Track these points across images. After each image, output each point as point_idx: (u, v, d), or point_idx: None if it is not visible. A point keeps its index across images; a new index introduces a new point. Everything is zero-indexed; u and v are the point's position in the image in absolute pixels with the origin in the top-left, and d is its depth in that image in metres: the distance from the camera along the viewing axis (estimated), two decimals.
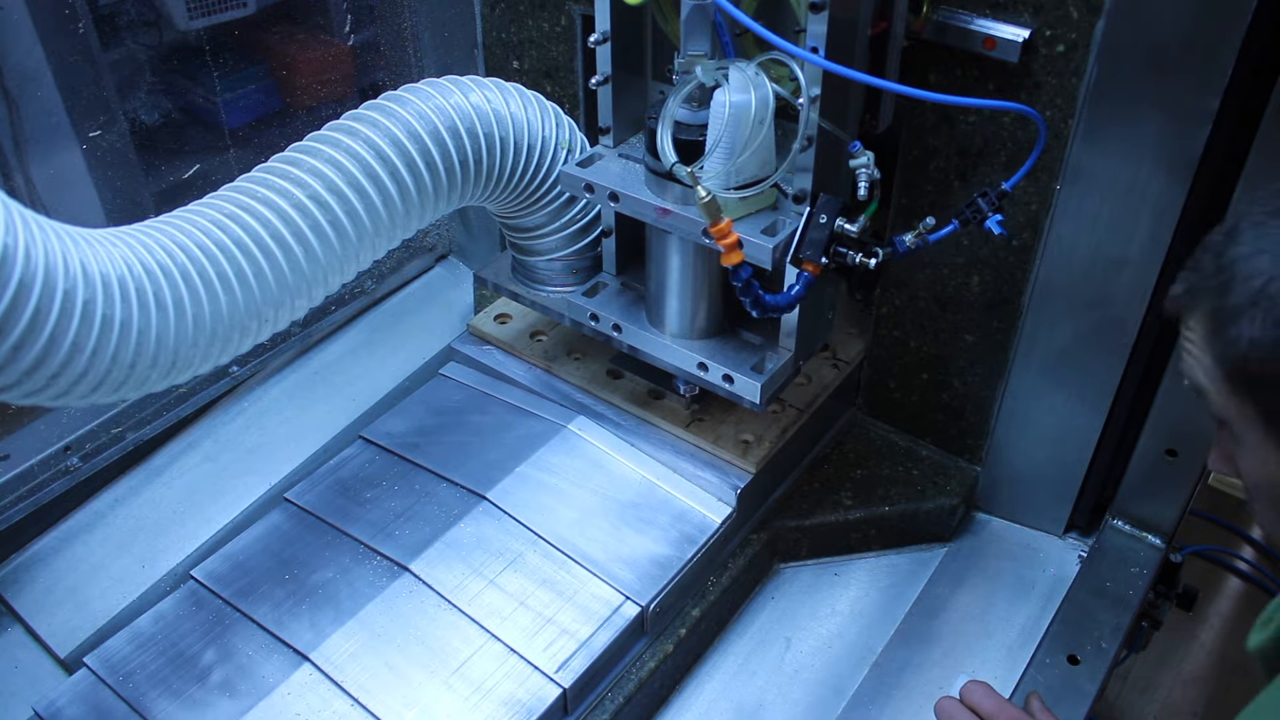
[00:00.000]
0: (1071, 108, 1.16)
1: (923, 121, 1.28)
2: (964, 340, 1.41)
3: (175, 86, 1.59)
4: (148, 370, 0.97)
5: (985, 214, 1.12)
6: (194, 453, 1.55)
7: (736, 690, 1.34)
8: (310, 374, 1.68)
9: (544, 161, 1.31)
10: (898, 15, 1.14)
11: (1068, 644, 1.32)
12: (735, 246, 1.09)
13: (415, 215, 1.21)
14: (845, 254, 1.13)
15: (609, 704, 1.23)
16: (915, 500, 1.48)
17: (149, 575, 1.40)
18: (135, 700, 1.15)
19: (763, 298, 1.14)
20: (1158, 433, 1.33)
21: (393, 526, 1.31)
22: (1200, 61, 1.06)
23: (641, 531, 1.32)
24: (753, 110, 1.08)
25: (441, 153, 1.19)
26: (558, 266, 1.43)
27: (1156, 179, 1.14)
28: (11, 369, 0.87)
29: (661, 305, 1.32)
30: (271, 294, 1.07)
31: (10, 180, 1.35)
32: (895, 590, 1.45)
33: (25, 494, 1.39)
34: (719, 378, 1.28)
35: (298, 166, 1.11)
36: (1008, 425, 1.43)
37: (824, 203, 1.12)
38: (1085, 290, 1.26)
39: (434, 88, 1.22)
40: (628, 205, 1.22)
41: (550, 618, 1.22)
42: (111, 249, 0.94)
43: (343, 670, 1.17)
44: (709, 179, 1.09)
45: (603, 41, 1.20)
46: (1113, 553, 1.43)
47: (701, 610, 1.33)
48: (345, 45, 1.75)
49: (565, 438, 1.42)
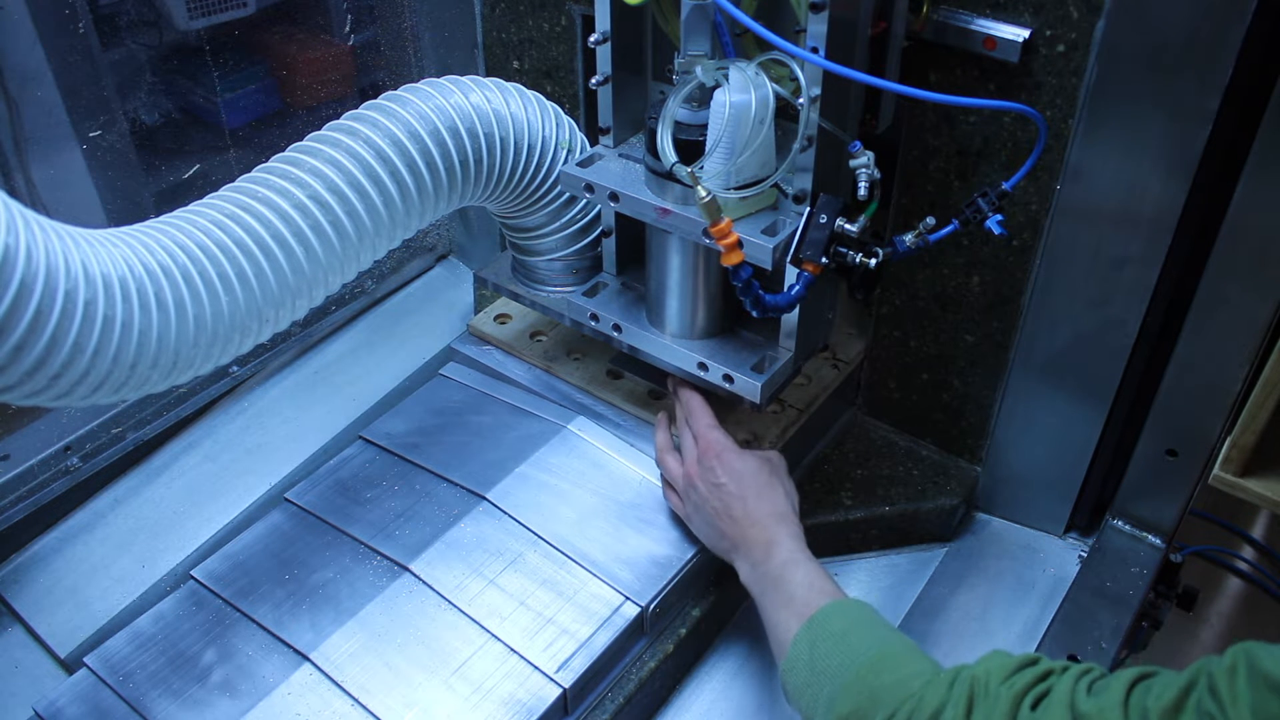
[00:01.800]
0: (1071, 108, 1.17)
1: (923, 121, 1.28)
2: (964, 340, 1.41)
3: (175, 86, 1.59)
4: (149, 370, 0.97)
5: (985, 214, 1.12)
6: (194, 453, 1.55)
7: (737, 690, 1.34)
8: (310, 374, 1.68)
9: (544, 161, 1.31)
10: (898, 15, 1.14)
11: (1068, 644, 1.32)
12: (735, 246, 1.09)
13: (415, 215, 1.21)
14: (845, 254, 1.13)
15: (609, 704, 1.23)
16: (915, 500, 1.48)
17: (149, 575, 1.40)
18: (135, 700, 1.15)
19: (763, 298, 1.14)
20: (1158, 433, 1.33)
21: (393, 526, 1.31)
22: (1200, 61, 1.06)
23: (641, 531, 1.32)
24: (753, 110, 1.08)
25: (442, 153, 1.19)
26: (558, 266, 1.43)
27: (1156, 179, 1.14)
28: (13, 370, 0.86)
29: (661, 305, 1.32)
30: (272, 294, 1.07)
31: (10, 180, 1.35)
32: (895, 590, 1.45)
33: (25, 494, 1.39)
34: (719, 377, 1.28)
35: (298, 167, 1.11)
36: (1008, 425, 1.43)
37: (824, 203, 1.12)
38: (1085, 290, 1.26)
39: (434, 88, 1.22)
40: (628, 205, 1.22)
41: (550, 618, 1.23)
42: (112, 249, 0.94)
43: (343, 670, 1.17)
44: (709, 179, 1.09)
45: (603, 41, 1.20)
46: (1113, 553, 1.43)
47: (702, 610, 1.33)
48: (345, 45, 1.75)
49: (565, 438, 1.42)
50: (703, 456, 1.25)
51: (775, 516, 1.19)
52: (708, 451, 1.24)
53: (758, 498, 1.20)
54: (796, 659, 1.05)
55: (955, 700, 0.88)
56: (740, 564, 1.20)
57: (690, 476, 1.26)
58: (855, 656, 0.99)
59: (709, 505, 1.22)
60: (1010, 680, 0.88)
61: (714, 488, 1.22)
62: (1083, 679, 0.86)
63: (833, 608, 1.07)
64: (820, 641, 1.04)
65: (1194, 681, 0.76)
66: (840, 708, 0.96)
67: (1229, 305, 1.19)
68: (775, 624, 1.12)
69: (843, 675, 0.98)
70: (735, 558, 1.21)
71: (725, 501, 1.21)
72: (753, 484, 1.21)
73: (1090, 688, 0.84)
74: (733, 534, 1.20)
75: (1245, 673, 0.72)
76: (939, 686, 0.91)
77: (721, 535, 1.22)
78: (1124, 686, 0.81)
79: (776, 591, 1.13)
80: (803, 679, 1.03)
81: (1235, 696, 0.72)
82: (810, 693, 1.02)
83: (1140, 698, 0.79)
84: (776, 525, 1.18)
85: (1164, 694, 0.77)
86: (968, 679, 0.90)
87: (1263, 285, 1.15)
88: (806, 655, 1.04)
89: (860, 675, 0.97)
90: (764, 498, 1.21)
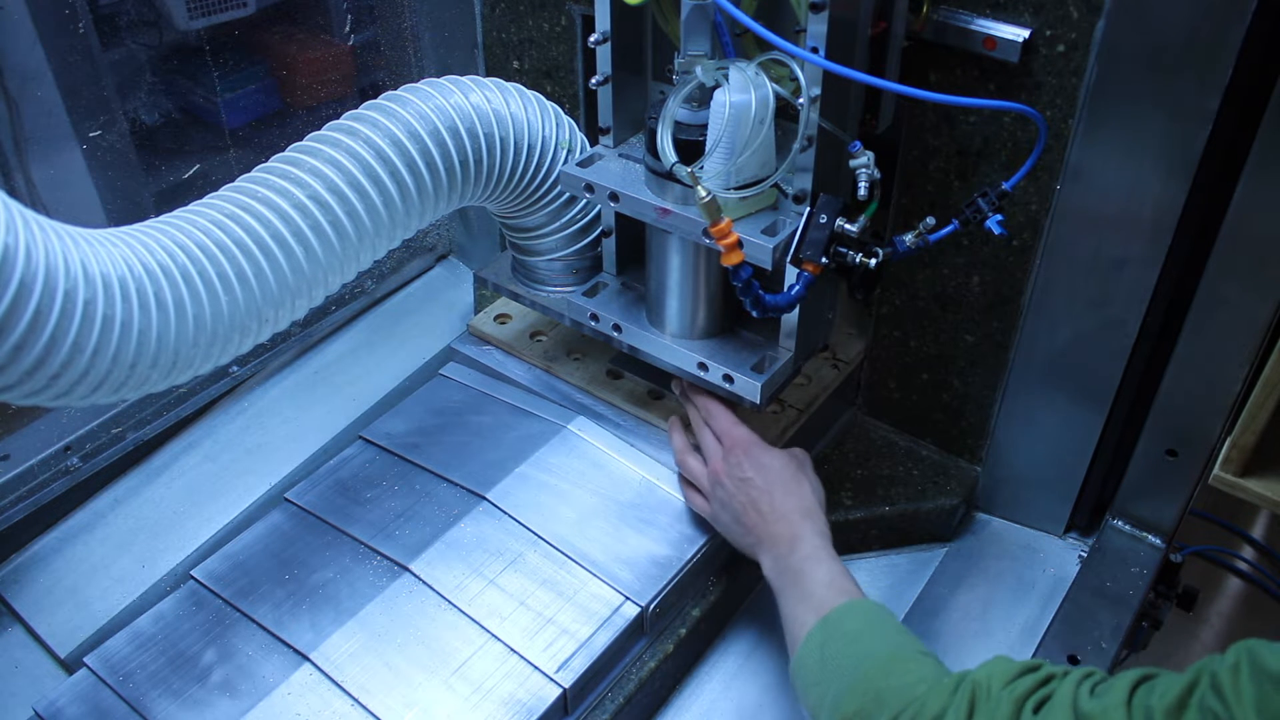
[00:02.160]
0: (1071, 108, 1.17)
1: (923, 121, 1.28)
2: (964, 340, 1.41)
3: (175, 86, 1.59)
4: (148, 370, 0.97)
5: (985, 214, 1.12)
6: (194, 453, 1.55)
7: (737, 690, 1.34)
8: (310, 374, 1.68)
9: (544, 161, 1.31)
10: (898, 15, 1.14)
11: (1068, 644, 1.32)
12: (735, 246, 1.10)
13: (415, 215, 1.21)
14: (845, 254, 1.13)
15: (609, 704, 1.23)
16: (915, 500, 1.48)
17: (149, 575, 1.40)
18: (135, 700, 1.15)
19: (763, 298, 1.14)
20: (1158, 433, 1.33)
21: (393, 526, 1.31)
22: (1200, 61, 1.06)
23: (641, 532, 1.32)
24: (753, 110, 1.08)
25: (442, 153, 1.19)
26: (558, 266, 1.43)
27: (1156, 179, 1.14)
28: (12, 369, 0.86)
29: (661, 305, 1.32)
30: (272, 294, 1.07)
31: (10, 180, 1.35)
32: (895, 590, 1.45)
33: (25, 494, 1.39)
34: (719, 377, 1.28)
35: (298, 167, 1.10)
36: (1008, 425, 1.43)
37: (824, 203, 1.12)
38: (1085, 290, 1.26)
39: (434, 88, 1.22)
40: (628, 205, 1.22)
41: (550, 618, 1.23)
42: (112, 249, 0.94)
43: (343, 670, 1.17)
44: (709, 179, 1.09)
45: (603, 41, 1.20)
46: (1113, 553, 1.43)
47: (702, 610, 1.33)
48: (345, 45, 1.75)
49: (565, 438, 1.42)
50: (729, 453, 1.24)
51: (801, 512, 1.19)
52: (735, 447, 1.24)
53: (784, 493, 1.20)
54: (808, 655, 1.05)
55: (957, 705, 0.89)
56: (764, 558, 1.19)
57: (716, 473, 1.25)
58: (865, 657, 0.99)
59: (735, 501, 1.22)
60: (1012, 685, 0.88)
61: (740, 483, 1.21)
62: (1085, 681, 0.86)
63: (849, 607, 1.07)
64: (832, 640, 1.04)
65: (1197, 680, 0.77)
66: (846, 707, 0.96)
67: (1229, 305, 1.19)
68: (791, 619, 1.12)
69: (851, 675, 0.98)
70: (759, 552, 1.20)
71: (752, 496, 1.20)
72: (779, 479, 1.21)
73: (1093, 690, 0.85)
74: (758, 528, 1.19)
75: (1248, 669, 0.72)
76: (942, 691, 0.91)
77: (747, 530, 1.21)
78: (1127, 687, 0.81)
79: (796, 586, 1.13)
80: (812, 675, 1.03)
81: (1239, 693, 0.72)
82: (818, 690, 1.02)
83: (1144, 697, 0.80)
84: (802, 520, 1.18)
85: (1167, 693, 0.78)
86: (970, 684, 0.90)
87: (1263, 285, 1.15)
88: (818, 652, 1.04)
89: (868, 676, 0.97)
90: (790, 493, 1.20)
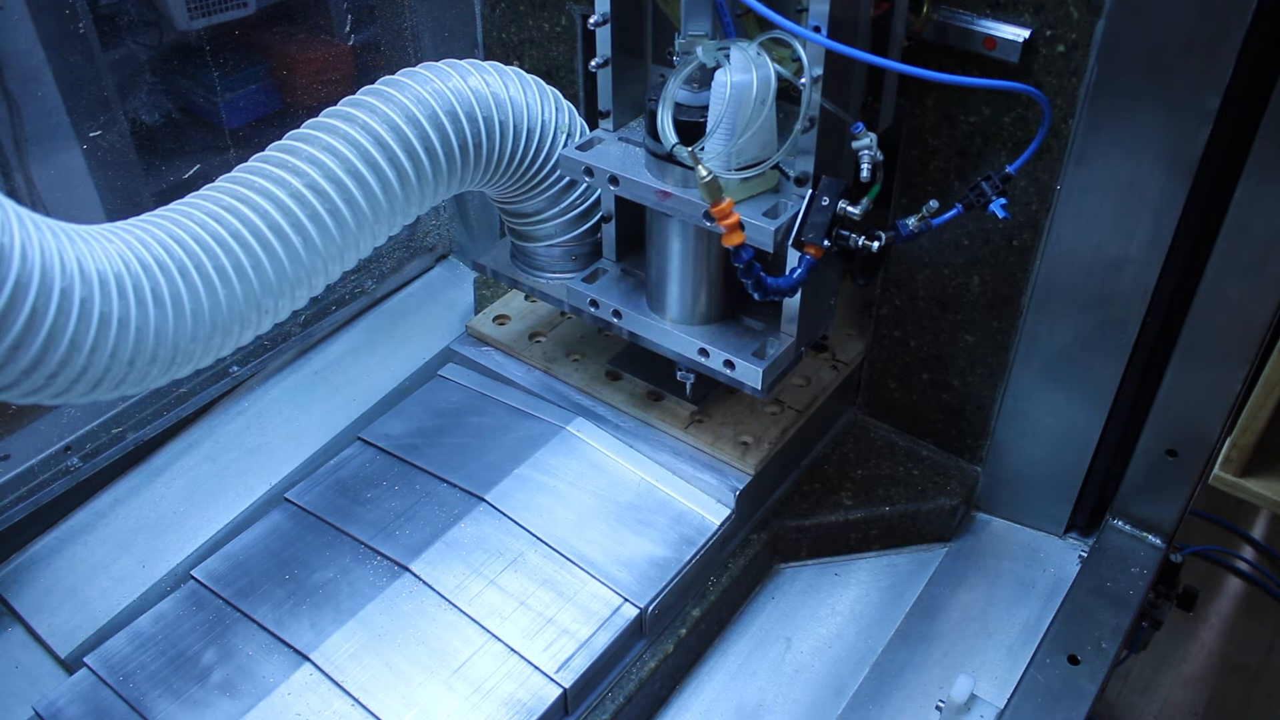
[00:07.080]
0: (1072, 108, 1.16)
1: (923, 121, 1.28)
2: (964, 340, 1.41)
3: (175, 86, 1.59)
4: (147, 366, 0.97)
5: (989, 197, 1.11)
6: (194, 453, 1.55)
7: (737, 690, 1.34)
8: (310, 374, 1.68)
9: (544, 145, 1.29)
10: (898, 13, 1.14)
11: (1068, 644, 1.32)
12: (736, 227, 1.08)
13: (415, 201, 1.19)
14: (848, 237, 1.12)
15: (609, 704, 1.23)
16: (915, 500, 1.48)
17: (149, 575, 1.40)
18: (135, 700, 1.15)
19: (764, 279, 1.13)
20: (1158, 433, 1.33)
21: (393, 527, 1.31)
22: (1200, 61, 1.06)
23: (640, 533, 1.31)
24: (754, 90, 1.07)
25: (440, 138, 1.18)
26: (557, 253, 1.42)
27: (1157, 178, 1.14)
28: (10, 368, 0.86)
29: (662, 291, 1.31)
30: (271, 286, 1.06)
31: (10, 180, 1.35)
32: (895, 590, 1.45)
33: (25, 494, 1.40)
34: (720, 363, 1.27)
35: (295, 155, 1.09)
36: (1008, 425, 1.43)
37: (826, 185, 1.11)
38: (1085, 290, 1.26)
39: (432, 71, 1.21)
40: (628, 188, 1.21)
41: (551, 618, 1.22)
42: (108, 245, 0.94)
43: (343, 670, 1.17)
44: (710, 159, 1.08)
45: (602, 23, 1.19)
46: (1113, 553, 1.43)
47: (701, 610, 1.33)
48: (345, 45, 1.75)
49: (564, 439, 1.42)
50: None
51: None
52: None
53: None
54: None
55: None
56: None
57: None
58: None
59: None
60: None
61: None
62: None
63: None
64: None
65: None
66: None
67: (1229, 305, 1.18)
68: None
69: None
70: None
71: None
72: None
73: None
74: None
75: None
76: None
77: None
78: None
79: None
80: None
81: None
82: None
83: None
84: None
85: None
86: None
87: (1263, 285, 1.15)
88: None
89: None
90: None
